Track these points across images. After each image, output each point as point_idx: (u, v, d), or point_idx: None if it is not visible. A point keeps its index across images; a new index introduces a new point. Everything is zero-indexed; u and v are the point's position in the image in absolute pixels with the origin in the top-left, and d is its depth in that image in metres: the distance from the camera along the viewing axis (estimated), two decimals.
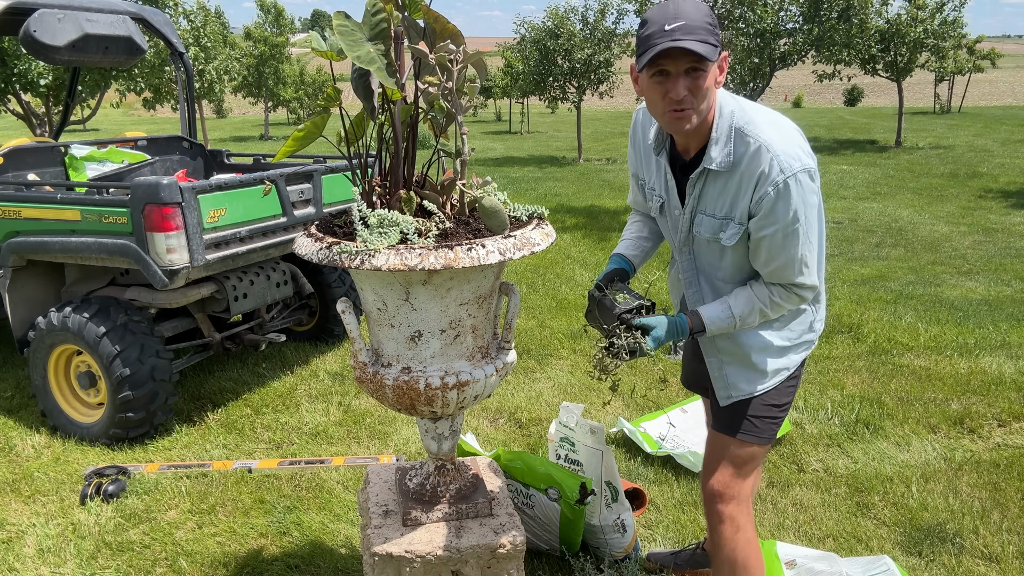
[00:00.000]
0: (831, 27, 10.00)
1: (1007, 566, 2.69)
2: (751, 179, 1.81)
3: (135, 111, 38.17)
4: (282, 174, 3.88)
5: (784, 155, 1.78)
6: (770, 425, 2.09)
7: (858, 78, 24.10)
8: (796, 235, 1.82)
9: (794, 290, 1.92)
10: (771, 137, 1.80)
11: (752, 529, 2.13)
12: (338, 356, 4.87)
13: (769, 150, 1.78)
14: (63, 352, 3.75)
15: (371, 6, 1.86)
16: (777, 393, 2.08)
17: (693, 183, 1.92)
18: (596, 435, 2.76)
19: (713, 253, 1.99)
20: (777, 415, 2.09)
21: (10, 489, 3.35)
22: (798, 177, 1.78)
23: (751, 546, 2.10)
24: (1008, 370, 4.41)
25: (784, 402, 2.10)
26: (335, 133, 2.10)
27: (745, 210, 1.85)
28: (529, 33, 16.65)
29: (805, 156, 1.81)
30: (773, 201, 1.79)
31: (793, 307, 1.98)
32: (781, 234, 1.82)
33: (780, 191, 1.78)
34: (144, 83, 14.00)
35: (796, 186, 1.78)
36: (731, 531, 2.09)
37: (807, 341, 2.09)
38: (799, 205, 1.79)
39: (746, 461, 2.09)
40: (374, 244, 1.70)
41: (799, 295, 1.94)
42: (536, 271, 7.05)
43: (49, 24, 4.17)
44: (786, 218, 1.80)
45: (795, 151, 1.80)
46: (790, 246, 1.83)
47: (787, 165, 1.78)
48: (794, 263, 1.86)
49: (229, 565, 2.79)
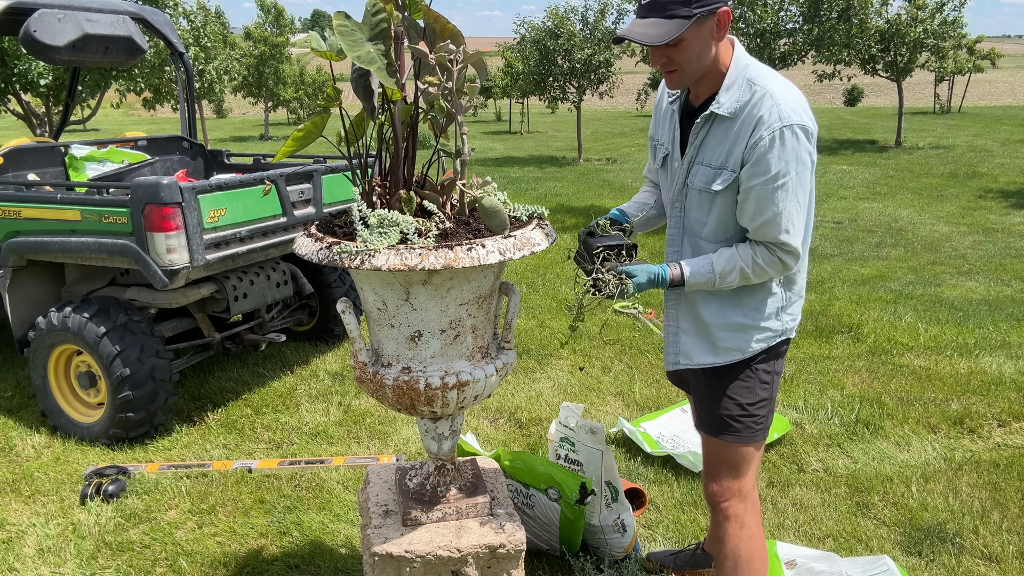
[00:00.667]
0: (831, 27, 10.00)
1: (1007, 566, 2.69)
2: (750, 124, 1.83)
3: (135, 111, 38.18)
4: (282, 174, 3.88)
5: (786, 106, 1.81)
6: (748, 425, 2.06)
7: (858, 78, 24.10)
8: (785, 189, 1.83)
9: (777, 252, 1.90)
10: (779, 89, 1.84)
11: (757, 525, 2.13)
12: (338, 356, 4.87)
13: (773, 97, 1.82)
14: (63, 352, 3.75)
15: (371, 6, 1.86)
16: (745, 390, 2.05)
17: (697, 130, 1.94)
18: (596, 435, 2.76)
19: (703, 206, 1.99)
20: (753, 413, 2.06)
21: (10, 489, 3.35)
22: (795, 130, 1.80)
23: (755, 542, 2.11)
24: (1008, 370, 4.41)
25: (755, 400, 2.06)
26: (335, 133, 2.10)
27: (739, 157, 1.87)
28: (529, 33, 16.65)
29: (806, 116, 1.83)
30: (767, 148, 1.81)
31: (775, 274, 1.94)
32: (771, 186, 1.83)
33: (775, 138, 1.80)
34: (144, 83, 14.00)
35: (792, 138, 1.80)
36: (735, 527, 2.11)
37: (771, 329, 2.03)
38: (791, 159, 1.81)
39: (739, 461, 2.09)
40: (374, 244, 1.70)
41: (782, 260, 1.91)
42: (536, 271, 7.05)
43: (49, 24, 4.17)
44: (777, 169, 1.81)
45: (798, 107, 1.83)
46: (778, 200, 1.84)
47: (786, 115, 1.80)
48: (780, 219, 1.85)
49: (229, 565, 2.79)
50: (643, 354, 4.79)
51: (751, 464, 2.11)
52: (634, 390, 4.26)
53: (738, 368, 2.06)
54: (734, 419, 2.06)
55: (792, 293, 2.06)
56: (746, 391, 2.06)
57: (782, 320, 2.05)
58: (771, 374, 2.08)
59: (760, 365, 2.06)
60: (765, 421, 2.09)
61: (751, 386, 2.06)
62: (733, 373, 2.06)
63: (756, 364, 2.05)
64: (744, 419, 2.06)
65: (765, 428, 2.10)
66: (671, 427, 3.68)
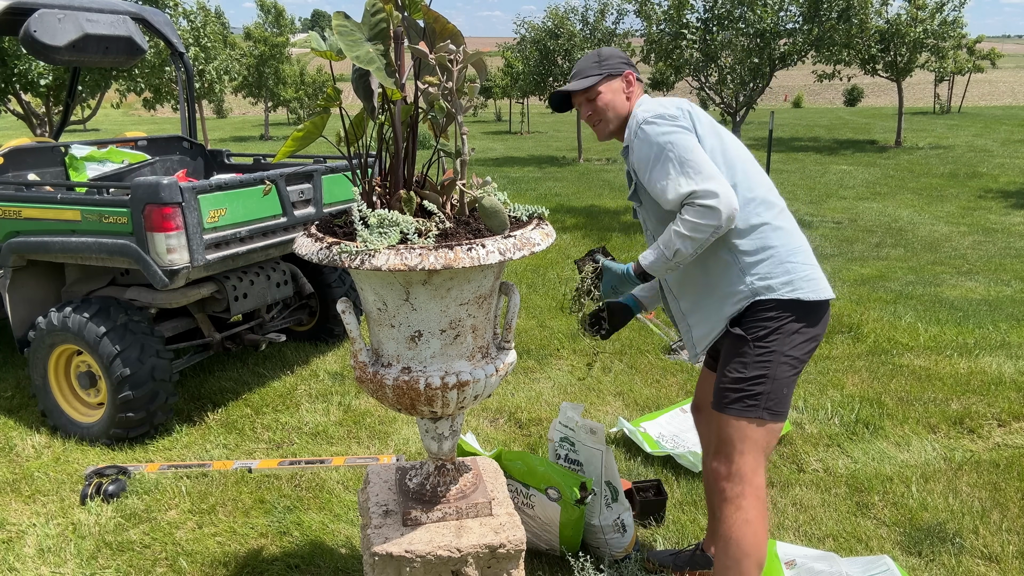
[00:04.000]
0: (831, 27, 9.99)
1: (1007, 566, 2.69)
2: (628, 142, 2.22)
3: (135, 111, 38.19)
4: (282, 174, 3.88)
5: (641, 112, 2.17)
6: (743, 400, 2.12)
7: (858, 78, 24.11)
8: (668, 159, 2.08)
9: (695, 201, 2.03)
10: (642, 104, 2.23)
11: (755, 511, 2.12)
12: (338, 356, 4.87)
13: (634, 116, 2.20)
14: (63, 352, 3.75)
15: (370, 6, 1.86)
16: (740, 364, 2.14)
17: (624, 161, 2.31)
18: (596, 435, 2.76)
19: (644, 213, 2.34)
20: (748, 389, 2.11)
21: (10, 489, 3.35)
22: (648, 120, 2.13)
23: (749, 527, 2.10)
24: (1008, 370, 4.41)
25: (750, 376, 2.12)
26: (335, 133, 2.10)
27: (631, 166, 2.23)
28: (529, 33, 16.66)
29: (658, 107, 2.15)
30: (637, 146, 2.16)
31: (711, 221, 2.02)
32: (655, 167, 2.10)
33: (636, 135, 2.16)
34: (144, 83, 14.00)
35: (648, 127, 2.13)
36: (731, 510, 2.13)
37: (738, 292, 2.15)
38: (658, 139, 2.10)
39: (735, 437, 2.13)
40: (374, 244, 1.70)
41: (704, 205, 2.01)
42: (536, 271, 7.05)
43: (49, 24, 4.17)
44: (651, 153, 2.11)
45: (651, 107, 2.17)
46: (669, 170, 2.07)
47: (640, 118, 2.16)
48: (678, 180, 2.05)
49: (229, 565, 2.79)
50: (643, 354, 4.79)
51: (749, 444, 2.12)
52: (634, 390, 4.26)
53: (738, 343, 2.15)
54: (728, 390, 2.15)
55: (746, 254, 2.15)
56: (741, 365, 2.14)
57: (747, 282, 2.14)
58: (774, 352, 2.12)
59: (758, 342, 2.12)
60: (763, 400, 2.11)
61: (747, 361, 2.13)
62: (735, 347, 2.16)
63: (754, 340, 2.13)
64: (737, 393, 2.13)
65: (765, 409, 2.12)
66: (671, 427, 3.68)
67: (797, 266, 2.15)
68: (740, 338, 2.16)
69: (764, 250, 2.14)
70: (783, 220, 2.19)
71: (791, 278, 2.13)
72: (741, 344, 2.15)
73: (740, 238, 2.14)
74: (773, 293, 2.12)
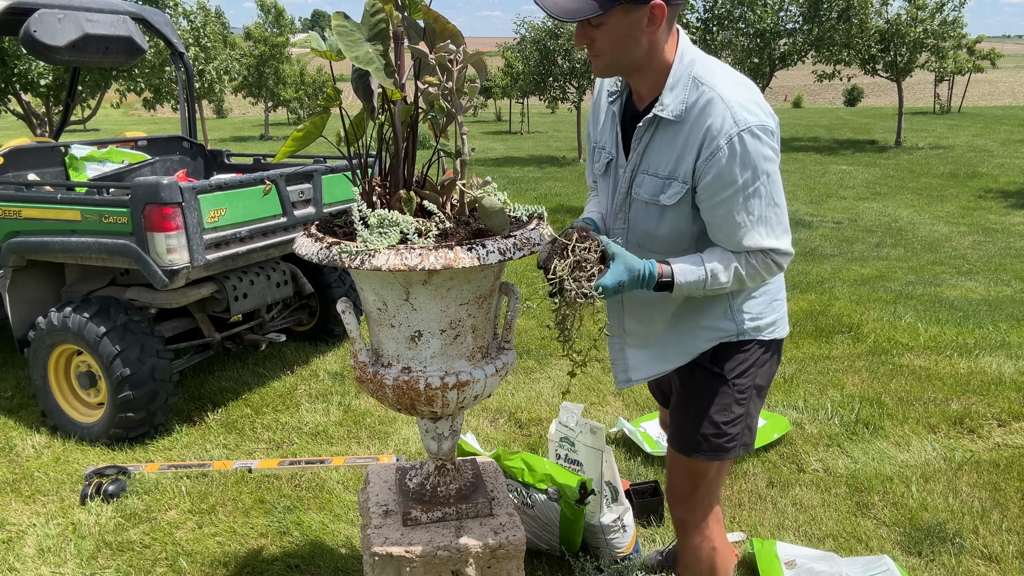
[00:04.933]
0: (831, 27, 10.00)
1: (1007, 566, 2.69)
2: (700, 131, 1.66)
3: (135, 111, 38.17)
4: (282, 174, 3.88)
5: (740, 108, 1.63)
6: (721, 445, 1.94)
7: (858, 78, 24.10)
8: (758, 195, 1.65)
9: (771, 256, 1.73)
10: (728, 89, 1.66)
11: (720, 536, 2.07)
12: (338, 356, 4.87)
13: (724, 101, 1.64)
14: (63, 352, 3.75)
15: (370, 6, 1.86)
16: (721, 409, 1.92)
17: (640, 134, 1.77)
18: (596, 435, 2.76)
19: (650, 219, 1.81)
20: (727, 432, 1.93)
21: (10, 489, 3.35)
22: (754, 131, 1.62)
23: (717, 554, 2.07)
24: (1008, 370, 4.41)
25: (730, 418, 1.92)
26: (335, 133, 2.10)
27: (691, 168, 1.69)
28: (529, 33, 16.67)
29: (763, 113, 1.66)
30: (727, 158, 1.63)
31: (769, 277, 1.77)
32: (741, 196, 1.65)
33: (734, 146, 1.62)
34: (144, 83, 14.01)
35: (753, 140, 1.62)
36: (699, 540, 2.06)
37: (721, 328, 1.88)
38: (759, 161, 1.63)
39: (707, 476, 2.00)
40: (374, 244, 1.70)
41: (776, 263, 1.74)
42: (536, 271, 7.05)
43: (49, 24, 4.17)
44: (745, 177, 1.63)
45: (752, 106, 1.65)
46: (754, 208, 1.66)
47: (742, 118, 1.63)
48: (761, 227, 1.68)
49: (229, 565, 2.79)
50: None
51: (714, 476, 2.01)
52: (634, 390, 4.26)
53: (714, 384, 1.91)
54: (707, 439, 1.93)
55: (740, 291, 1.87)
56: (722, 409, 1.91)
57: (735, 320, 1.88)
58: (750, 388, 1.93)
59: (737, 380, 1.91)
60: (739, 438, 1.95)
61: (727, 403, 1.91)
62: (709, 389, 1.92)
63: (733, 379, 1.90)
64: (717, 438, 1.93)
65: (739, 445, 1.96)
66: None
67: (781, 303, 1.96)
68: (717, 377, 1.91)
69: (759, 287, 1.89)
70: None
71: (776, 318, 1.93)
72: (718, 384, 1.91)
73: None
74: (759, 334, 1.90)
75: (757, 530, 2.93)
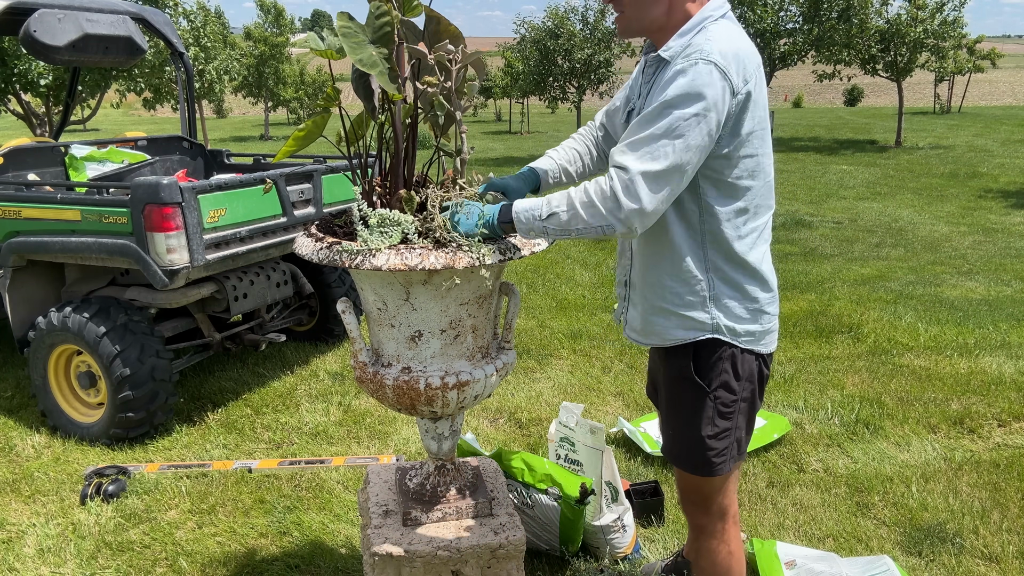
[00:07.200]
0: (831, 27, 10.01)
1: (1007, 566, 2.69)
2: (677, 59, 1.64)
3: (135, 111, 38.19)
4: (282, 174, 3.88)
5: (715, 45, 1.61)
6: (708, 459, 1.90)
7: (858, 78, 24.12)
8: (670, 121, 1.58)
9: (613, 180, 1.61)
10: (720, 34, 1.65)
11: (736, 540, 2.07)
12: (338, 356, 4.87)
13: (709, 41, 1.62)
14: (63, 352, 3.75)
15: (375, 9, 1.85)
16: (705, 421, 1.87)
17: (648, 77, 1.78)
18: (596, 435, 2.76)
19: None
20: (712, 446, 1.89)
21: (10, 489, 3.35)
22: (714, 60, 1.58)
23: (732, 557, 2.07)
24: (1008, 370, 4.41)
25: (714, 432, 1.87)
26: (335, 133, 2.10)
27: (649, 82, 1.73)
28: (529, 33, 16.68)
29: (734, 65, 1.60)
30: (674, 75, 1.60)
31: (604, 211, 1.62)
32: (657, 110, 1.60)
33: (685, 69, 1.58)
34: (144, 83, 14.03)
35: (707, 68, 1.57)
36: (715, 544, 2.06)
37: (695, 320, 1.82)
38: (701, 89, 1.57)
39: (702, 488, 1.98)
40: (374, 244, 1.70)
41: (614, 192, 1.60)
42: (536, 271, 7.05)
43: (49, 24, 4.17)
44: (675, 95, 1.58)
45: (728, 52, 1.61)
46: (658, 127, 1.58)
47: (708, 51, 1.59)
48: (642, 142, 1.59)
49: (229, 565, 2.79)
50: (643, 354, 4.79)
51: (719, 487, 1.98)
52: (634, 390, 4.25)
53: (696, 395, 1.87)
54: (691, 451, 1.90)
55: (722, 283, 1.80)
56: (706, 423, 1.87)
57: (711, 313, 1.81)
58: (735, 401, 1.86)
59: (719, 392, 1.85)
60: (729, 452, 1.89)
61: (710, 416, 1.86)
62: (691, 400, 1.88)
63: (714, 390, 1.85)
64: (701, 451, 1.89)
65: (729, 459, 1.91)
66: None
67: (771, 319, 1.89)
68: (698, 388, 1.86)
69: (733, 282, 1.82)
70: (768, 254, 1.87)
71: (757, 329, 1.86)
72: (700, 395, 1.86)
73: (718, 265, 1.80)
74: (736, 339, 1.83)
75: (757, 530, 2.93)
